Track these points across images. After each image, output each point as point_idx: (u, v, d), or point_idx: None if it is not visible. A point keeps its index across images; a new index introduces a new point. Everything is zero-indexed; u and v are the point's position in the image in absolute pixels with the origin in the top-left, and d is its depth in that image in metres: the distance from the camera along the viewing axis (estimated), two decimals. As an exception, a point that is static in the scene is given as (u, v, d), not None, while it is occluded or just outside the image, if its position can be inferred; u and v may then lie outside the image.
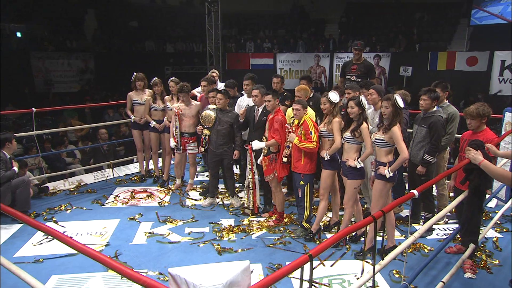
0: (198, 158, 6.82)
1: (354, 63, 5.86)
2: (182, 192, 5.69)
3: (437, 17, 16.46)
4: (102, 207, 5.18)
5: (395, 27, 16.71)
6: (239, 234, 4.38)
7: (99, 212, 5.00)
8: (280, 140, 4.36)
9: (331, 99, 3.96)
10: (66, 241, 2.13)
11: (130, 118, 5.95)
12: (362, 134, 3.76)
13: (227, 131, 4.95)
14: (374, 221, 2.18)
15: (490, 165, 2.89)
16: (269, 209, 4.96)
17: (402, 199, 2.61)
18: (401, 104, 3.54)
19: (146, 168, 6.35)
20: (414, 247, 4.09)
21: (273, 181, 4.55)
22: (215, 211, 5.04)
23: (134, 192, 5.67)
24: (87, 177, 6.33)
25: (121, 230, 4.48)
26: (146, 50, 17.22)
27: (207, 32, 14.32)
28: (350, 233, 2.23)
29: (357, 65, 5.81)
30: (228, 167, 5.11)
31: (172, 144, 5.51)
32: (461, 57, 13.91)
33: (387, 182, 3.65)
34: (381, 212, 2.26)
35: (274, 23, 18.45)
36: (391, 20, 17.01)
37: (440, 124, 4.14)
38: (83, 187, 5.97)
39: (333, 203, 4.41)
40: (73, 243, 2.10)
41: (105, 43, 16.68)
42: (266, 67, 16.24)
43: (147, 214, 4.91)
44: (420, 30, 16.21)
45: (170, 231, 4.43)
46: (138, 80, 5.84)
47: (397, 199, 2.61)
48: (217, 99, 4.93)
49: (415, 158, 4.29)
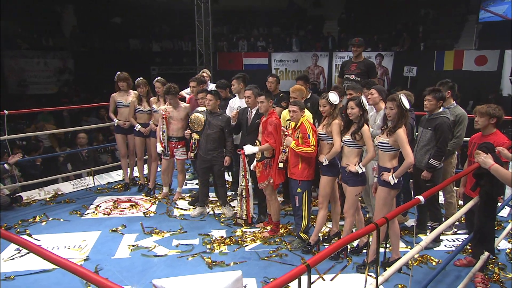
0: (187, 164, 6.81)
1: (354, 62, 5.92)
2: (169, 201, 5.68)
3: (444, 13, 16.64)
4: (81, 218, 5.15)
5: (399, 25, 16.89)
6: (232, 246, 4.37)
7: (78, 224, 4.97)
8: (275, 144, 4.38)
9: (331, 100, 4.00)
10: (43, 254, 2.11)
11: (113, 122, 5.94)
12: (363, 137, 3.79)
13: (218, 135, 4.97)
14: (376, 229, 2.19)
15: (500, 169, 2.92)
16: (263, 219, 4.97)
17: (407, 206, 2.63)
18: (406, 105, 3.58)
19: (130, 176, 6.33)
20: (420, 259, 4.11)
21: (268, 188, 4.56)
22: (205, 222, 5.04)
23: (117, 201, 5.65)
24: (65, 185, 6.30)
25: (102, 243, 4.45)
26: (130, 49, 17.20)
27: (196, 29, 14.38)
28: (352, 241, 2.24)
29: (356, 63, 5.87)
30: (219, 174, 5.11)
31: (159, 150, 5.51)
32: (469, 56, 14.07)
33: (391, 190, 3.67)
34: (384, 219, 2.28)
35: (269, 20, 18.58)
36: (394, 17, 17.18)
37: (447, 126, 4.19)
38: (61, 196, 5.93)
39: (333, 212, 4.43)
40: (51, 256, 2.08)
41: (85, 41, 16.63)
42: (260, 67, 16.32)
43: (131, 225, 4.89)
44: (425, 28, 16.39)
45: (156, 244, 4.41)
46: (120, 80, 5.84)
47: (402, 205, 2.63)
48: (207, 100, 4.95)
49: (420, 162, 4.33)
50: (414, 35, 16.12)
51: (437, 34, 16.03)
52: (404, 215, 5.03)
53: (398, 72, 14.24)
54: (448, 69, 14.22)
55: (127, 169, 6.25)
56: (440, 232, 4.02)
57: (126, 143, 6.07)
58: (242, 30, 18.43)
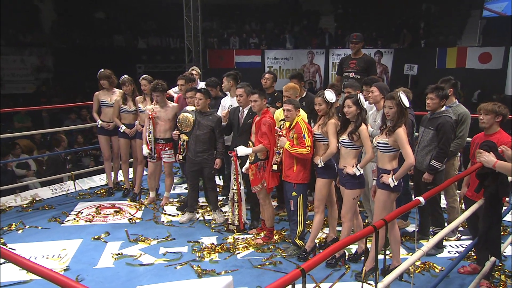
0: (175, 168, 6.80)
1: (353, 58, 5.96)
2: (156, 207, 5.67)
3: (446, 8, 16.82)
4: (61, 225, 5.12)
5: (399, 20, 17.04)
6: (223, 254, 4.37)
7: (57, 232, 4.93)
8: (269, 145, 4.39)
9: (327, 98, 4.03)
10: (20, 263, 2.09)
11: (97, 123, 5.92)
12: (361, 137, 3.82)
13: (208, 136, 4.97)
14: (375, 232, 2.21)
15: (505, 163, 2.93)
16: (257, 224, 4.97)
17: (407, 207, 2.65)
18: (406, 103, 3.61)
19: (115, 180, 6.31)
20: (422, 266, 4.14)
21: (262, 192, 4.57)
22: (194, 228, 5.03)
23: (100, 207, 5.63)
24: (43, 191, 6.25)
25: (84, 252, 4.43)
26: (115, 46, 17.18)
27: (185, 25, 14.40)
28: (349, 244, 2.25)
29: (355, 60, 5.91)
30: (209, 177, 5.11)
31: (145, 152, 5.50)
32: (473, 54, 14.25)
33: (391, 192, 3.69)
34: (382, 221, 2.30)
35: (262, 15, 18.65)
36: (394, 12, 17.32)
37: (449, 125, 4.23)
38: (39, 202, 5.88)
39: (330, 217, 4.45)
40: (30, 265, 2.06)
41: (66, 37, 16.58)
42: (253, 65, 16.39)
43: (115, 232, 4.87)
44: (426, 24, 16.56)
45: (142, 252, 4.39)
46: (102, 78, 5.83)
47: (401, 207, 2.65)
48: (197, 99, 4.95)
49: (421, 164, 4.36)
50: (415, 31, 16.28)
51: (439, 30, 16.19)
52: (405, 220, 5.07)
53: (398, 71, 14.34)
54: (450, 67, 14.38)
55: (111, 173, 6.22)
56: (443, 237, 4.07)
57: (110, 145, 6.04)
58: (233, 26, 18.48)
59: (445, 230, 3.16)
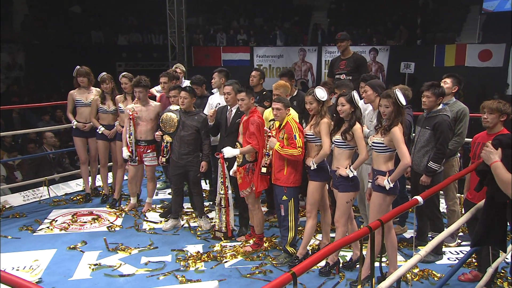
0: (158, 172, 6.77)
1: (342, 59, 6.04)
2: (138, 213, 5.65)
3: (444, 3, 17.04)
4: (33, 234, 5.08)
5: (395, 16, 17.22)
6: (209, 262, 4.37)
7: (29, 241, 4.89)
8: (258, 146, 4.40)
9: (318, 97, 4.05)
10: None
11: (72, 123, 5.88)
12: (355, 137, 3.84)
13: (193, 137, 4.97)
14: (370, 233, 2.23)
15: (501, 168, 2.67)
16: (245, 231, 4.98)
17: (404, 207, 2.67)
18: (403, 101, 3.64)
19: (92, 185, 6.27)
20: (421, 274, 4.18)
21: (250, 196, 4.58)
22: (179, 236, 5.03)
23: (76, 215, 5.60)
24: (13, 197, 6.19)
25: (58, 262, 4.40)
26: (92, 42, 17.08)
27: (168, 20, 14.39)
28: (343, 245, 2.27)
29: (345, 60, 5.99)
30: (195, 181, 5.11)
31: (125, 155, 5.48)
32: (473, 51, 14.43)
33: (386, 195, 3.73)
34: (378, 222, 2.32)
35: (251, 11, 18.71)
36: (390, 8, 17.51)
37: (447, 124, 4.28)
38: (8, 210, 5.82)
39: (323, 222, 4.47)
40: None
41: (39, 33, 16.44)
42: (241, 63, 16.42)
43: (92, 241, 4.85)
44: (424, 19, 16.75)
45: (122, 262, 4.38)
46: (81, 75, 5.80)
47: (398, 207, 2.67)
48: (181, 98, 4.94)
49: (418, 166, 4.41)
50: (412, 28, 16.44)
51: (437, 27, 16.39)
52: (402, 226, 5.12)
53: (394, 69, 14.45)
54: (449, 65, 14.55)
55: (88, 178, 6.18)
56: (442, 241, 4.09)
57: (87, 147, 6.00)
58: (220, 21, 18.51)
59: (445, 233, 3.19)
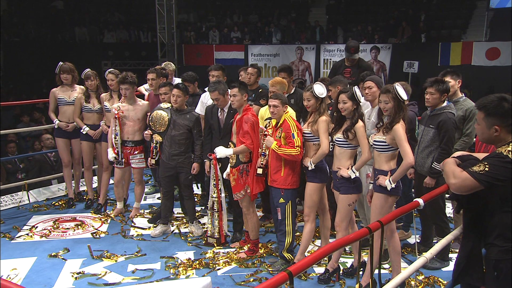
0: (147, 175, 6.76)
1: (347, 66, 6.17)
2: (124, 219, 5.64)
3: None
4: (11, 242, 5.05)
5: (397, 12, 17.30)
6: (201, 270, 4.36)
7: (7, 249, 4.85)
8: (252, 145, 4.39)
9: (316, 93, 4.07)
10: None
11: (54, 123, 5.87)
12: (357, 135, 3.85)
13: (184, 137, 4.97)
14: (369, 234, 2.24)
15: (451, 163, 2.66)
16: (239, 237, 4.98)
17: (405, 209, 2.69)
18: (403, 95, 3.66)
19: (76, 190, 6.25)
20: (426, 281, 4.20)
21: (245, 200, 4.57)
22: (168, 242, 5.02)
23: (58, 221, 5.58)
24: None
25: (38, 271, 4.38)
26: (77, 40, 17.07)
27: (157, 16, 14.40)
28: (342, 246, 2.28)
29: (350, 68, 6.14)
30: (186, 184, 5.11)
31: (111, 157, 5.46)
32: (480, 49, 14.51)
33: (388, 196, 3.73)
34: (378, 223, 2.33)
35: (245, 7, 18.76)
36: (392, 4, 17.61)
37: (452, 123, 4.27)
38: (-15, 216, 5.79)
39: (322, 226, 4.47)
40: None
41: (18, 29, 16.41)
42: (235, 62, 16.42)
43: (75, 249, 4.83)
44: (428, 16, 16.85)
45: (107, 270, 4.37)
46: (64, 71, 5.79)
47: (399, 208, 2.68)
48: (174, 96, 4.93)
49: (422, 167, 4.41)
50: (415, 25, 16.52)
51: (442, 23, 16.48)
52: (406, 231, 5.14)
53: (397, 68, 14.51)
54: (455, 64, 14.57)
55: (71, 182, 6.16)
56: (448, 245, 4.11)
57: (70, 149, 5.99)
58: (213, 18, 18.55)
59: (450, 237, 3.20)
